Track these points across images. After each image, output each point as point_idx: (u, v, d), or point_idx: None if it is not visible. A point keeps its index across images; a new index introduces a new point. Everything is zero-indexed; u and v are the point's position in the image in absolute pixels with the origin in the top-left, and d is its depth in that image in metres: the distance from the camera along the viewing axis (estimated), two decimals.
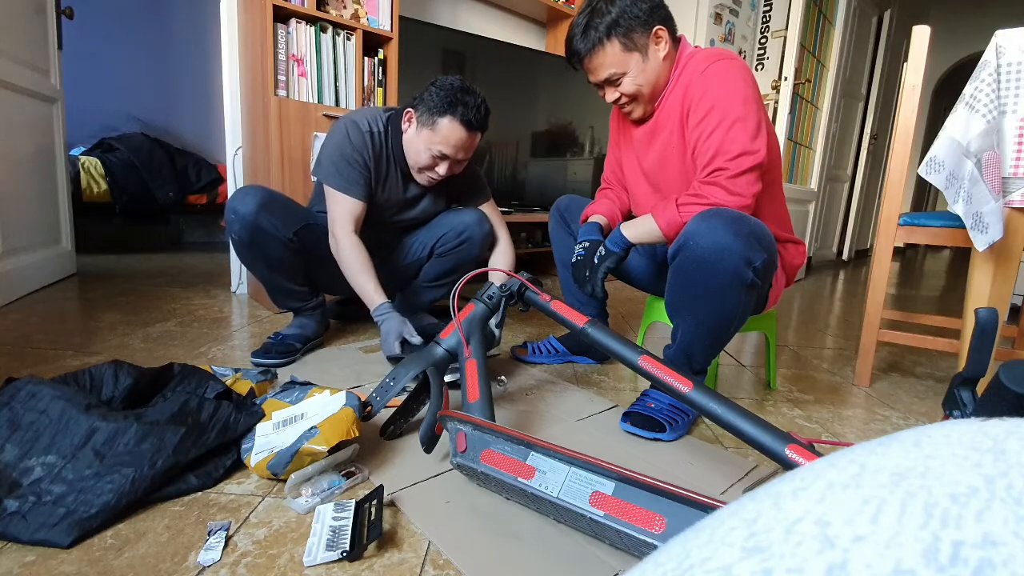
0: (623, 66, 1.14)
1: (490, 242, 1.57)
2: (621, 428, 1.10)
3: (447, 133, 1.29)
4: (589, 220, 1.31)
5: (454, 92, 1.28)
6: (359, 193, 1.36)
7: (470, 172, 1.55)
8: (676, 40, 1.18)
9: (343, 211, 1.35)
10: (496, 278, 1.43)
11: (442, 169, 1.36)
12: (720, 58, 1.10)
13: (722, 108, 1.06)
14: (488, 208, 1.60)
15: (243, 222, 1.33)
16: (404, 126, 1.38)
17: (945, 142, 1.13)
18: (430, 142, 1.32)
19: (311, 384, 1.04)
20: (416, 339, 1.27)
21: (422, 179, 1.42)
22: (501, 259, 1.56)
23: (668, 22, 1.15)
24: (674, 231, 1.08)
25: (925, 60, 1.34)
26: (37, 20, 2.02)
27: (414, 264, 1.62)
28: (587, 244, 1.22)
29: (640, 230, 1.14)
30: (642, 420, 1.08)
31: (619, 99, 1.19)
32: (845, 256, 4.87)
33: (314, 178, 1.44)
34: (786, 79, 3.21)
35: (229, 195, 2.10)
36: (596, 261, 1.17)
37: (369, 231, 1.45)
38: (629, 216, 1.42)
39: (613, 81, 1.16)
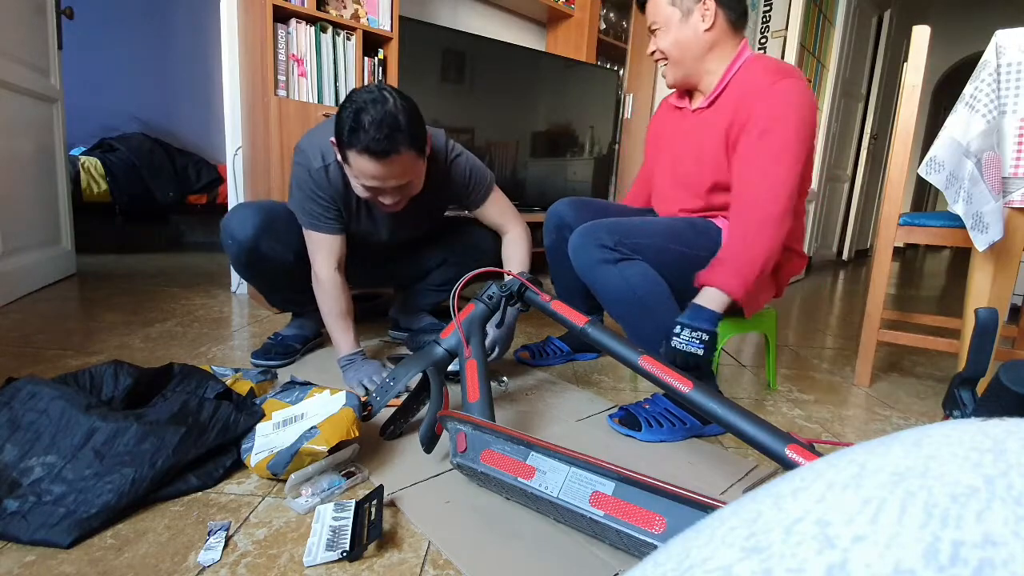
0: (663, 19, 1.16)
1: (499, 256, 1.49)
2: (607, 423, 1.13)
3: (360, 168, 1.10)
4: (699, 303, 1.07)
5: (355, 116, 1.06)
6: (330, 228, 1.26)
7: (454, 174, 1.35)
8: (736, 33, 1.17)
9: (319, 249, 1.27)
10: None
11: (386, 200, 1.17)
12: (789, 76, 1.10)
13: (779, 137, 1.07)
14: (492, 203, 1.44)
15: (241, 248, 1.28)
16: (337, 157, 1.18)
17: (945, 142, 1.13)
18: (354, 176, 1.15)
19: (311, 384, 1.04)
20: (376, 386, 1.17)
21: (383, 209, 1.22)
22: (514, 254, 1.42)
23: (726, 5, 1.14)
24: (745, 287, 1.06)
25: (925, 60, 1.34)
26: (37, 20, 2.02)
27: (422, 271, 1.61)
28: (705, 337, 1.03)
29: (720, 301, 1.06)
30: (624, 417, 1.11)
31: (654, 53, 1.22)
32: (845, 256, 4.86)
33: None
34: None
35: (230, 195, 2.11)
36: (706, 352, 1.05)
37: (365, 255, 1.43)
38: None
39: (654, 31, 1.20)
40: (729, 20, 1.15)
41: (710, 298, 1.05)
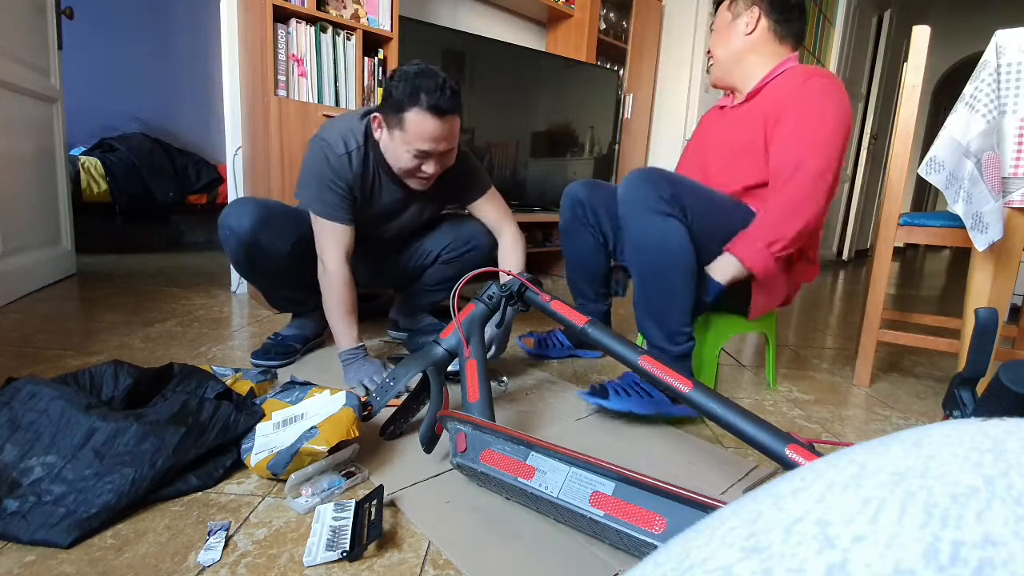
0: (720, 21, 1.29)
1: (495, 250, 1.53)
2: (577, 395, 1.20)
3: (418, 128, 1.16)
4: None
5: (412, 80, 1.14)
6: (344, 218, 1.29)
7: (462, 166, 1.42)
8: (784, 42, 1.24)
9: (330, 239, 1.28)
10: (501, 277, 1.42)
11: (429, 168, 1.24)
12: (823, 75, 1.16)
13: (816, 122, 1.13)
14: (490, 199, 1.49)
15: (239, 241, 1.29)
16: (376, 134, 1.27)
17: (945, 142, 1.13)
18: (405, 142, 1.19)
19: (311, 384, 1.04)
20: (376, 386, 1.19)
21: (415, 184, 1.31)
22: (511, 256, 1.46)
23: (773, 12, 1.22)
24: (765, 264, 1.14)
25: (925, 60, 1.34)
26: (37, 20, 2.02)
27: (418, 268, 1.61)
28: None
29: (729, 270, 1.16)
30: (593, 388, 1.15)
31: (709, 51, 1.32)
32: (845, 256, 4.86)
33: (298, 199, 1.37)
34: None
35: (230, 196, 2.11)
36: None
37: (365, 244, 1.44)
38: None
39: (712, 31, 1.32)
40: (773, 29, 1.23)
41: (719, 266, 1.14)
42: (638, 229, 1.12)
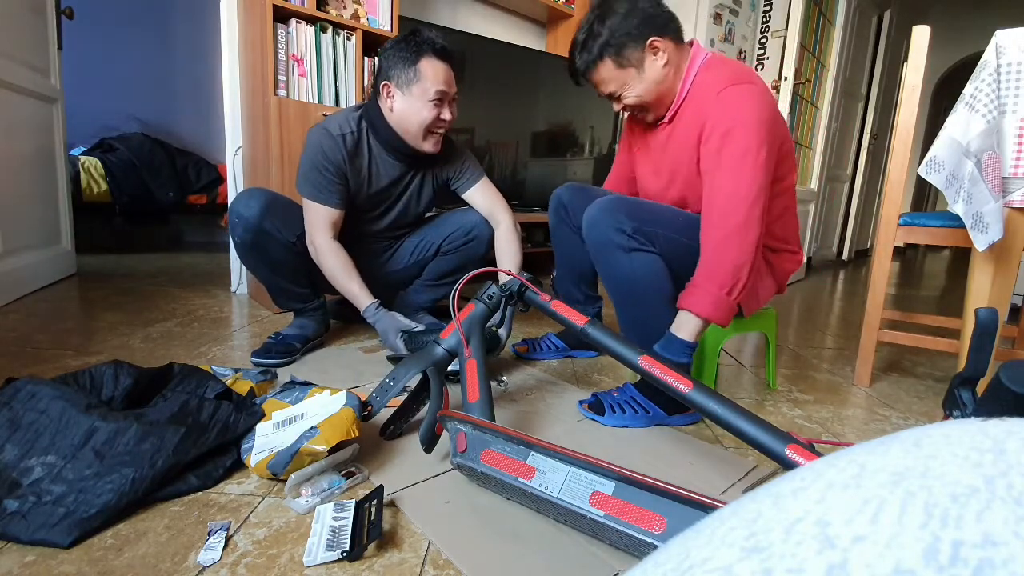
0: (620, 82, 1.15)
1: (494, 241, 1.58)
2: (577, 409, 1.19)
3: (434, 72, 1.31)
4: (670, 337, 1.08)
5: (411, 40, 1.31)
6: (332, 201, 1.37)
7: (456, 153, 1.55)
8: (681, 44, 1.16)
9: (318, 219, 1.37)
10: (501, 276, 1.43)
11: (446, 114, 1.36)
12: (737, 82, 1.08)
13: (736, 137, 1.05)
14: (484, 186, 1.58)
15: (247, 225, 1.33)
16: (387, 103, 1.36)
17: (945, 142, 1.13)
18: (423, 91, 1.31)
19: (311, 384, 1.04)
20: (418, 327, 1.33)
21: (430, 143, 1.39)
22: (508, 251, 1.50)
23: (665, 30, 1.13)
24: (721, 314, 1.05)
25: (925, 60, 1.34)
26: (37, 20, 2.02)
27: (419, 263, 1.62)
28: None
29: (693, 328, 1.07)
30: (593, 403, 1.16)
31: (624, 108, 1.21)
32: (845, 256, 4.86)
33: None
34: (786, 79, 3.20)
35: (230, 195, 2.11)
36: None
37: (367, 244, 1.45)
38: None
39: (615, 96, 1.18)
40: (675, 42, 1.14)
41: (684, 325, 1.07)
42: (607, 266, 1.13)
